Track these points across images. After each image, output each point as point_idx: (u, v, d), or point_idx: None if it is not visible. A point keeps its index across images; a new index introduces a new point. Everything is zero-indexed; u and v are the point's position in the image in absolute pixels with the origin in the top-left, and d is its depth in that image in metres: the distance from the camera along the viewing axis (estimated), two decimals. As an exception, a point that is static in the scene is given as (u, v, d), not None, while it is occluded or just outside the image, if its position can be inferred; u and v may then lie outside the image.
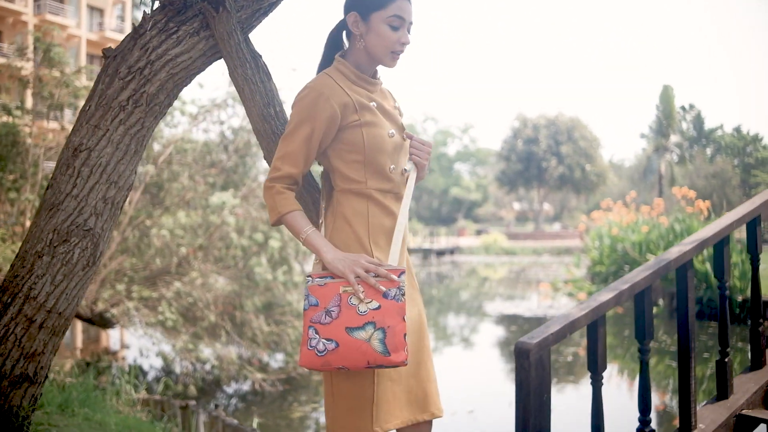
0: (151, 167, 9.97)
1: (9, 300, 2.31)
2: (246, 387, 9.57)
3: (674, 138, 45.32)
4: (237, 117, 10.97)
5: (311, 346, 2.01)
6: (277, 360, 10.30)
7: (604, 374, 2.87)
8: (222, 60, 2.44)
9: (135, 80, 2.32)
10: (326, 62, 2.35)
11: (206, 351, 8.97)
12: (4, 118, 11.26)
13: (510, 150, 53.93)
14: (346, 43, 2.34)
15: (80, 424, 4.77)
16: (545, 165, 51.78)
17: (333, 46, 2.35)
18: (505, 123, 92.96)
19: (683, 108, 47.12)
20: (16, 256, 2.35)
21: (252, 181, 10.81)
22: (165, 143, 10.77)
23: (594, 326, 2.79)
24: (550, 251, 40.89)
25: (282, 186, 2.18)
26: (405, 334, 2.02)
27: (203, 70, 2.42)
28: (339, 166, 2.23)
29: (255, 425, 6.78)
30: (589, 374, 2.87)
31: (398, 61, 2.33)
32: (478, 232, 56.53)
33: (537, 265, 33.66)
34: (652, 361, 10.21)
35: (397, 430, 2.26)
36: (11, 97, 12.44)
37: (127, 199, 11.25)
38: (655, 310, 13.41)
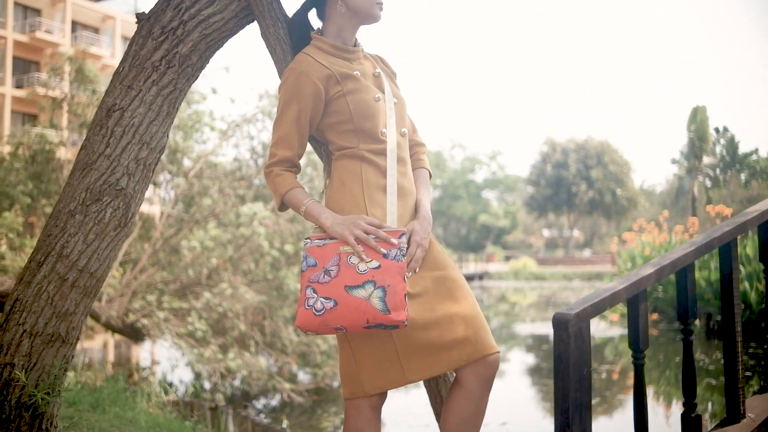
0: (182, 180, 10.05)
1: (42, 258, 2.31)
2: (275, 401, 9.51)
3: (707, 160, 44.79)
4: (267, 131, 11.04)
5: (308, 305, 1.98)
6: (306, 371, 10.24)
7: (627, 402, 2.77)
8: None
9: (168, 41, 2.32)
10: (295, 51, 2.36)
11: (236, 362, 8.93)
12: (38, 135, 11.46)
13: (539, 175, 53.66)
14: (318, 22, 2.35)
15: (111, 420, 4.77)
16: (575, 189, 51.41)
17: (300, 33, 2.36)
18: (533, 149, 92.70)
19: (716, 130, 46.57)
20: (50, 216, 2.36)
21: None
22: (195, 158, 10.87)
23: (635, 300, 2.71)
24: (580, 276, 40.43)
25: (280, 168, 2.21)
26: (405, 294, 1.99)
27: (236, 32, 2.42)
28: (333, 138, 2.25)
29: (285, 425, 6.70)
30: (631, 354, 2.78)
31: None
32: (507, 258, 56.16)
33: (568, 290, 33.28)
34: (666, 380, 9.99)
35: (456, 377, 2.20)
36: (46, 116, 12.68)
37: (161, 215, 11.45)
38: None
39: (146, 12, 2.41)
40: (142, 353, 13.51)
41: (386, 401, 2.27)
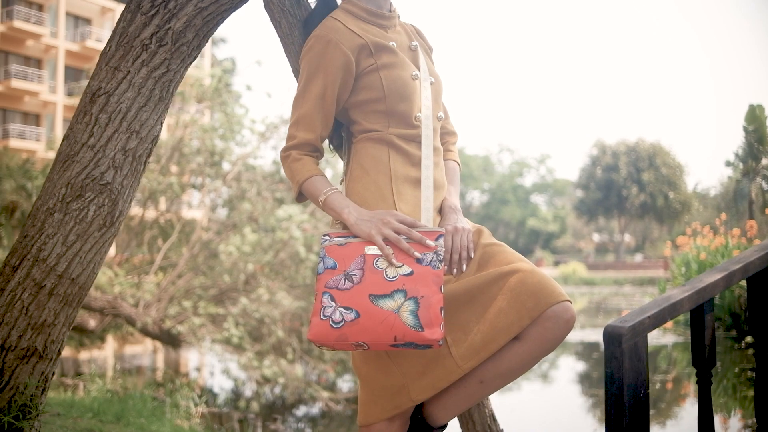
0: (219, 183, 9.89)
1: (17, 262, 2.04)
2: (315, 410, 9.26)
3: (766, 161, 43.32)
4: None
5: (325, 316, 1.66)
6: (345, 380, 9.96)
7: (691, 411, 2.41)
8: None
9: (159, 15, 2.04)
10: (312, 18, 2.02)
11: (272, 369, 8.70)
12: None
13: (588, 178, 52.68)
14: None
15: (132, 432, 4.57)
16: (626, 193, 50.30)
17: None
18: (582, 152, 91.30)
19: (776, 130, 45.02)
20: (28, 215, 2.09)
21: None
22: (234, 161, 10.71)
23: (700, 311, 2.34)
24: (632, 281, 39.47)
25: (299, 152, 1.91)
26: (442, 308, 1.65)
27: (238, 6, 2.13)
28: (358, 118, 1.94)
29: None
30: (696, 373, 2.41)
31: None
32: (557, 263, 55.22)
33: (619, 295, 32.47)
34: (723, 390, 9.46)
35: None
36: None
37: (203, 220, 11.34)
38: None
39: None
40: (191, 359, 13.40)
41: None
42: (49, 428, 4.14)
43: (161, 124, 2.15)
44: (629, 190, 50.17)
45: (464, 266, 1.83)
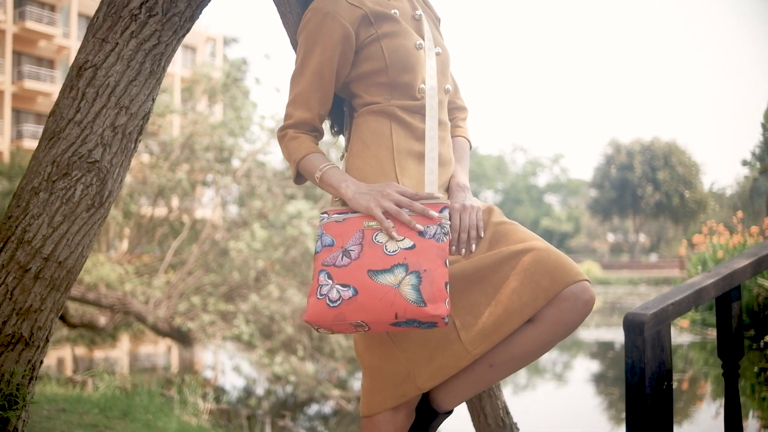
0: (229, 179, 9.82)
1: (0, 245, 1.94)
2: (327, 408, 9.15)
3: (783, 159, 42.85)
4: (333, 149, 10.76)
5: (321, 295, 1.55)
6: (357, 378, 9.84)
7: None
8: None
9: (149, -17, 1.93)
10: None
11: (283, 367, 8.60)
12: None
13: (603, 177, 52.32)
14: None
15: (138, 429, 4.48)
16: (640, 192, 49.92)
17: None
18: (596, 151, 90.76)
19: (794, 128, 44.48)
20: (13, 195, 1.99)
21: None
22: (244, 157, 10.64)
23: (726, 298, 2.21)
24: (647, 281, 39.16)
25: (296, 131, 1.82)
26: (447, 283, 1.52)
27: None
28: (360, 92, 1.84)
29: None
30: (721, 365, 2.28)
31: None
32: (571, 263, 54.77)
33: (633, 295, 32.20)
34: (741, 390, 9.27)
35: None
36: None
37: (212, 216, 11.30)
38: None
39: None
40: (205, 358, 13.34)
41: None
42: (53, 423, 4.06)
43: (153, 99, 2.05)
44: (644, 190, 49.78)
45: (473, 246, 1.71)
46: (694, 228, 51.34)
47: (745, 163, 53.28)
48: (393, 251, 1.56)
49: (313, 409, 9.26)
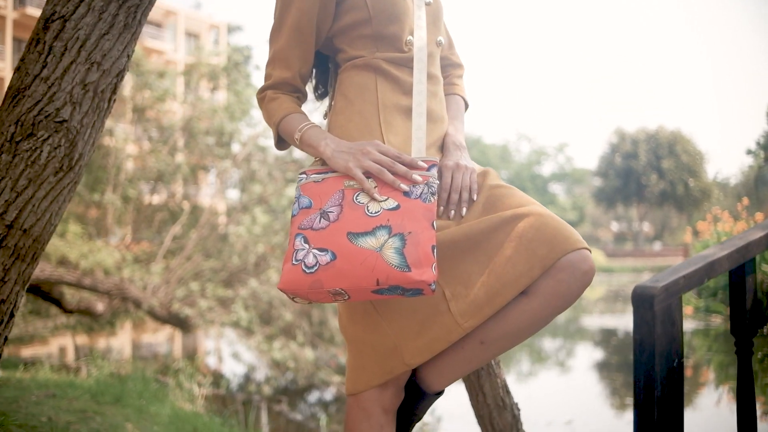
0: (228, 163, 9.69)
1: (-39, 212, 1.80)
2: (329, 394, 9.05)
3: (788, 148, 42.59)
4: (318, 113, 10.60)
5: (297, 260, 1.42)
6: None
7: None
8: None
9: (121, -74, 1.78)
10: None
11: (282, 353, 8.48)
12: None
13: (607, 166, 52.16)
14: None
15: (129, 415, 4.37)
16: (645, 181, 49.75)
17: None
18: (601, 140, 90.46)
19: (797, 118, 44.20)
20: (-25, 159, 1.84)
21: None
22: (244, 141, 10.51)
23: (740, 272, 2.07)
24: (651, 269, 39.04)
25: (275, 92, 1.71)
26: (434, 247, 1.37)
27: None
28: (343, 46, 1.70)
29: (323, 423, 6.21)
30: (734, 342, 2.14)
31: None
32: (575, 251, 54.65)
33: (637, 283, 32.13)
34: None
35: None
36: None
37: (211, 202, 11.17)
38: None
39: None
40: (208, 345, 13.23)
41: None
42: (40, 408, 3.94)
43: (128, 56, 1.90)
44: (649, 178, 49.64)
45: (464, 209, 1.57)
46: (698, 217, 51.15)
47: (749, 152, 53.04)
48: (375, 212, 1.43)
49: (314, 395, 9.16)
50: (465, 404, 2.17)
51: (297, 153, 10.97)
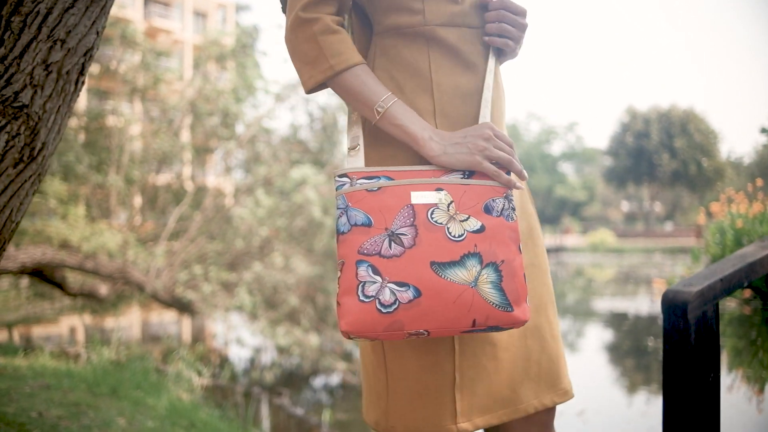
0: (233, 144, 9.53)
1: None
2: (335, 380, 8.92)
3: (803, 127, 42.10)
4: (322, 94, 10.39)
5: (367, 297, 1.13)
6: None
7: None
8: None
9: None
10: None
11: (286, 338, 8.35)
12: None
13: (618, 145, 51.70)
14: None
15: (124, 407, 4.22)
16: (657, 160, 49.29)
17: None
18: (612, 119, 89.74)
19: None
20: (-73, 148, 1.65)
21: (341, 161, 10.20)
22: (249, 123, 10.34)
23: (785, 272, 1.87)
24: (662, 250, 38.75)
25: (333, 20, 1.27)
26: (524, 275, 1.16)
27: None
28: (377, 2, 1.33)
29: (326, 418, 6.07)
30: None
31: None
32: (584, 231, 54.42)
33: (648, 264, 31.85)
34: (759, 363, 8.98)
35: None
36: (97, 83, 12.40)
37: (215, 184, 11.03)
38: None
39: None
40: (216, 327, 13.11)
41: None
42: (32, 401, 3.81)
43: (97, 33, 1.70)
44: (660, 158, 49.17)
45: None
46: (711, 197, 50.73)
47: (763, 131, 52.38)
48: (459, 236, 1.17)
49: (319, 381, 9.03)
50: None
51: (303, 134, 10.77)
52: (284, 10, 1.42)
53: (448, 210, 1.18)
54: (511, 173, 1.25)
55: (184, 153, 10.69)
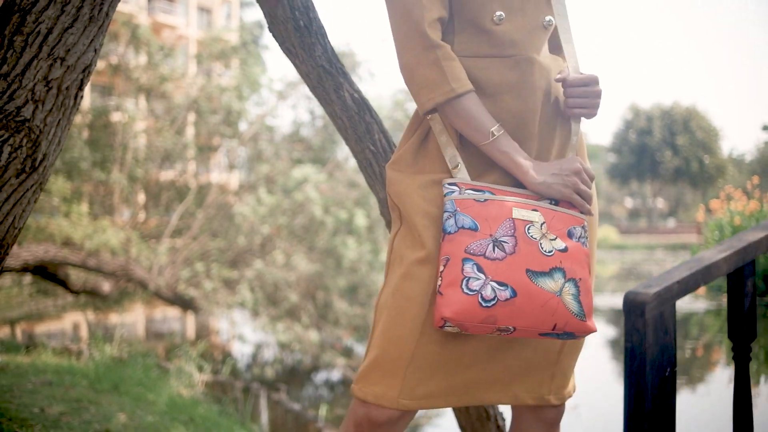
0: (235, 142, 9.64)
1: None
2: (336, 376, 9.03)
3: (804, 124, 42.05)
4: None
5: (471, 290, 1.28)
6: (363, 345, 9.71)
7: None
8: None
9: None
10: None
11: (286, 335, 8.47)
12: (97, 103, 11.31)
13: (622, 143, 51.84)
14: None
15: (125, 403, 4.33)
16: (659, 157, 49.38)
17: None
18: (615, 116, 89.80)
19: (814, 93, 43.54)
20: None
21: (342, 159, 10.29)
22: (252, 121, 10.45)
23: (738, 275, 1.98)
24: (664, 247, 38.83)
25: (449, 47, 1.39)
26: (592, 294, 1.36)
27: None
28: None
29: (323, 413, 6.19)
30: (732, 347, 2.06)
31: None
32: (588, 227, 54.49)
33: (650, 260, 31.91)
34: (755, 357, 9.09)
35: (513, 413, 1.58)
36: (103, 80, 12.49)
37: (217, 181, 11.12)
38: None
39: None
40: (219, 323, 13.21)
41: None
42: (34, 398, 3.91)
43: (95, 50, 1.81)
44: (663, 155, 49.27)
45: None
46: (713, 193, 50.77)
47: (765, 128, 52.45)
48: (549, 252, 1.35)
49: (320, 377, 9.15)
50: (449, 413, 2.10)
51: (305, 131, 10.87)
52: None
53: (541, 228, 1.36)
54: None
55: (187, 150, 10.80)
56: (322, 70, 1.93)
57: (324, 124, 10.38)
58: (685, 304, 15.19)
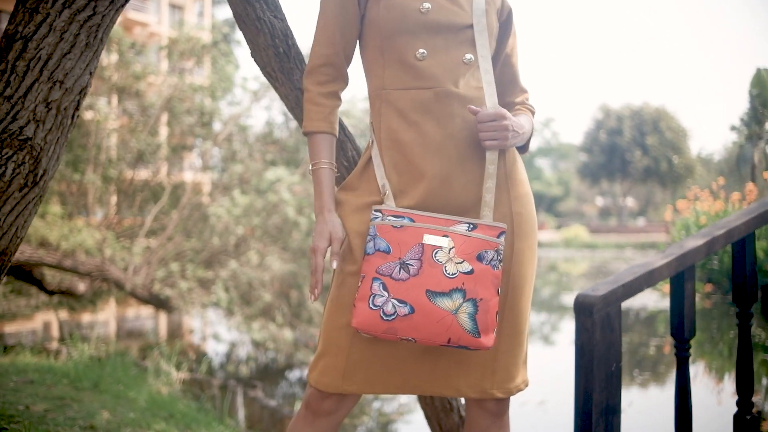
0: (209, 144, 9.70)
1: (-73, 226, 1.87)
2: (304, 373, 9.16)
3: (769, 126, 42.77)
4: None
5: (375, 305, 1.51)
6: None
7: (690, 373, 2.26)
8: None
9: (81, -50, 1.84)
10: None
11: (261, 334, 8.58)
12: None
13: (592, 142, 52.32)
14: None
15: (106, 401, 4.44)
16: (629, 157, 49.95)
17: None
18: (587, 116, 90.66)
19: (781, 93, 44.26)
20: (-58, 174, 1.90)
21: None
22: (225, 121, 10.50)
23: (680, 279, 2.17)
24: (633, 245, 39.29)
25: (322, 90, 1.70)
26: (497, 313, 1.53)
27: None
28: (363, 55, 1.75)
29: (297, 409, 6.34)
30: (674, 344, 2.26)
31: None
32: (559, 227, 55.05)
33: (620, 259, 32.34)
34: (719, 353, 9.33)
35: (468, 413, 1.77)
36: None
37: (192, 182, 11.19)
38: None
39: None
40: (193, 322, 13.25)
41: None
42: (18, 396, 4.01)
43: (90, 73, 1.96)
44: (633, 154, 49.82)
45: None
46: (682, 193, 51.41)
47: (733, 128, 53.21)
48: (452, 274, 1.52)
49: (294, 374, 9.28)
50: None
51: (278, 133, 10.98)
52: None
53: (449, 253, 1.53)
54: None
55: (161, 150, 10.83)
56: (300, 92, 2.11)
57: (297, 126, 10.48)
58: (653, 303, 15.50)
